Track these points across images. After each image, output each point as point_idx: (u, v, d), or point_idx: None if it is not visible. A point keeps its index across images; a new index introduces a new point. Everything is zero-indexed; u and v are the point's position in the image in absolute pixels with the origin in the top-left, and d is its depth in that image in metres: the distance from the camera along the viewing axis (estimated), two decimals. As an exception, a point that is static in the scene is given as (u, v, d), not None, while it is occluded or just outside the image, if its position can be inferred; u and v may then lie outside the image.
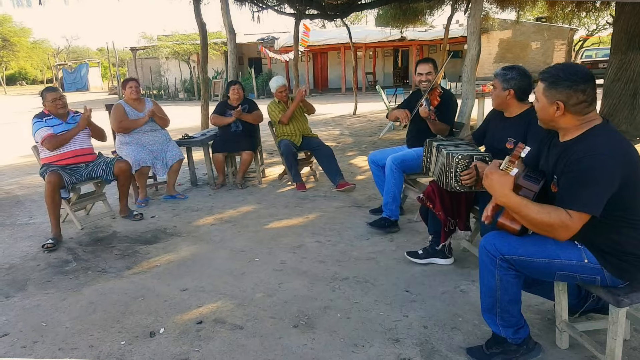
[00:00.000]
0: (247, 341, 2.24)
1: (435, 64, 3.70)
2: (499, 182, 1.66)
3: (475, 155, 2.61)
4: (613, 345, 1.72)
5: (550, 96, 1.71)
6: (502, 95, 2.68)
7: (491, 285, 1.87)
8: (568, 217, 1.59)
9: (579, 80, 1.66)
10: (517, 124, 2.68)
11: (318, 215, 4.09)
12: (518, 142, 2.61)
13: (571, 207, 1.59)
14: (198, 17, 6.96)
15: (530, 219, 1.66)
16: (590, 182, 1.58)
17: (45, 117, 3.74)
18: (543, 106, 1.76)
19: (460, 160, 2.56)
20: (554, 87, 1.70)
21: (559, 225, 1.60)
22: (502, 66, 2.81)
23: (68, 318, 2.50)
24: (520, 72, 2.67)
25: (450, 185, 2.65)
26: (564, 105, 1.68)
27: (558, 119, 1.73)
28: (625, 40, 6.76)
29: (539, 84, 1.77)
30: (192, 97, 21.16)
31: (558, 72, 1.70)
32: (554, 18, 16.86)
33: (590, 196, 1.58)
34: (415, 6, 11.43)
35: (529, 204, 1.65)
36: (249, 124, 5.14)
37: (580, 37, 30.25)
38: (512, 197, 1.66)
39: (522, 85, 2.65)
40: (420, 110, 3.50)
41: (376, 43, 20.47)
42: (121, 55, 26.47)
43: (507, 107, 2.72)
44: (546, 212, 1.62)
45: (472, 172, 2.54)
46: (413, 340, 2.19)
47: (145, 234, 3.78)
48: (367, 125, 10.24)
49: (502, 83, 2.67)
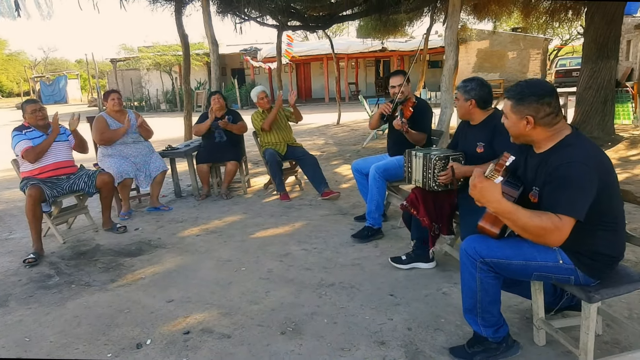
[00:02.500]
0: (235, 349, 2.25)
1: (405, 75, 3.81)
2: (488, 190, 1.65)
3: (451, 155, 2.81)
4: (586, 340, 1.79)
5: (518, 112, 1.79)
6: (465, 106, 2.83)
7: (472, 287, 1.94)
8: (559, 220, 1.62)
9: (544, 93, 1.75)
10: (483, 129, 2.82)
11: (304, 224, 4.13)
12: (485, 145, 2.77)
13: (559, 211, 1.63)
14: (180, 28, 6.98)
15: (522, 224, 1.65)
16: (571, 189, 1.63)
17: (25, 130, 3.71)
18: (513, 122, 1.83)
19: (437, 161, 2.76)
20: (521, 103, 1.78)
21: (552, 228, 1.62)
22: (462, 79, 2.95)
23: (52, 332, 2.48)
24: (479, 83, 2.82)
25: (429, 185, 2.84)
26: (534, 119, 1.76)
27: (530, 133, 1.80)
28: (595, 49, 7.01)
29: (505, 102, 1.85)
30: (174, 108, 21.08)
31: (523, 89, 1.79)
32: (529, 28, 17.33)
33: (574, 201, 1.63)
34: (395, 17, 11.65)
35: (520, 209, 1.66)
36: (233, 134, 5.16)
37: (555, 46, 31.12)
38: (503, 202, 1.66)
39: (482, 95, 2.80)
40: (394, 123, 3.60)
41: (358, 54, 20.75)
42: (101, 67, 26.26)
43: (471, 115, 2.87)
44: (537, 217, 1.64)
45: (448, 173, 2.74)
46: (398, 342, 2.24)
47: (129, 247, 3.76)
48: (350, 135, 10.34)
49: (464, 94, 2.82)
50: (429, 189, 2.87)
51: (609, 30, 6.90)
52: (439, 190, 2.84)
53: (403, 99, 3.73)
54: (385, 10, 8.09)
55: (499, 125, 2.70)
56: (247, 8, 7.04)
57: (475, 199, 1.71)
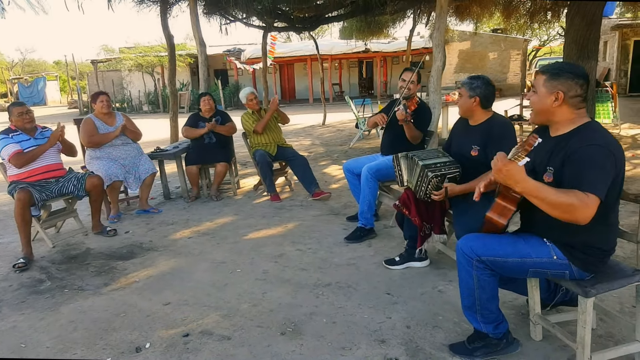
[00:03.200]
0: (235, 351, 2.25)
1: (419, 75, 3.83)
2: (514, 172, 1.66)
3: (447, 174, 2.75)
4: (583, 334, 1.84)
5: (551, 87, 1.81)
6: (468, 102, 2.79)
7: (469, 285, 1.98)
8: (586, 197, 1.62)
9: (580, 75, 1.79)
10: (481, 130, 2.80)
11: (296, 224, 4.13)
12: (480, 148, 2.79)
13: (585, 189, 1.64)
14: (165, 29, 6.92)
15: (550, 201, 1.65)
16: (595, 169, 1.66)
17: (12, 133, 3.64)
18: (542, 96, 1.84)
19: (433, 179, 2.71)
20: (556, 78, 1.80)
21: (580, 205, 1.61)
22: (468, 75, 2.95)
23: (48, 338, 2.44)
24: (485, 82, 2.82)
25: (419, 195, 2.85)
26: (564, 96, 1.78)
27: (554, 110, 1.82)
28: (575, 50, 7.17)
29: (538, 77, 1.87)
30: (156, 109, 20.83)
31: (561, 66, 1.83)
32: (509, 29, 17.63)
33: (597, 179, 1.65)
34: (379, 19, 11.74)
35: (546, 187, 1.67)
36: (223, 136, 5.14)
37: (533, 47, 31.71)
38: (530, 181, 1.67)
39: (487, 94, 2.80)
40: (398, 113, 3.57)
41: (341, 55, 20.81)
42: (80, 68, 25.79)
43: (472, 114, 2.84)
44: (565, 194, 1.64)
45: (442, 194, 2.75)
46: (398, 341, 2.27)
47: (121, 250, 3.72)
48: (337, 135, 10.38)
49: (469, 91, 2.78)
50: (419, 198, 2.87)
51: (588, 32, 7.07)
52: (429, 201, 2.84)
53: (408, 95, 3.75)
54: (371, 12, 8.14)
55: (496, 131, 2.74)
56: (234, 9, 7.01)
57: (501, 182, 1.73)
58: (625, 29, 15.49)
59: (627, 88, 15.51)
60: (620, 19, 16.08)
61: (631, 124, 9.14)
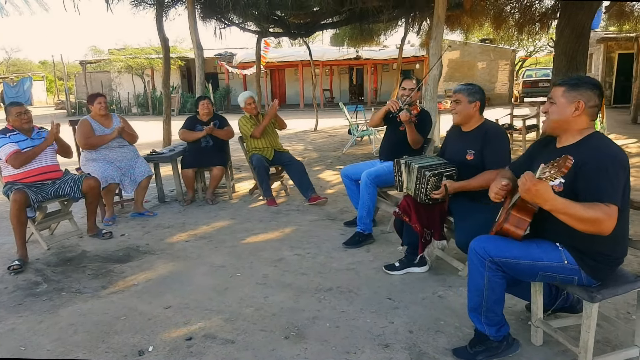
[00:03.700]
0: (240, 354, 2.25)
1: (419, 83, 3.90)
2: (545, 191, 1.70)
3: (444, 172, 2.83)
4: (586, 338, 1.89)
5: (571, 97, 1.88)
6: (468, 108, 2.84)
7: (479, 286, 2.01)
8: (609, 209, 1.69)
9: (597, 86, 1.88)
10: (475, 136, 2.87)
11: (294, 229, 4.14)
12: (475, 152, 2.85)
13: (606, 200, 1.71)
14: (160, 32, 6.91)
15: (578, 217, 1.71)
16: (610, 180, 1.73)
17: (9, 133, 3.59)
18: (561, 106, 1.90)
19: (430, 178, 2.79)
20: (576, 89, 1.88)
21: (605, 217, 1.68)
22: (460, 84, 3.01)
23: (48, 341, 2.41)
24: (480, 88, 2.91)
25: (420, 198, 2.90)
26: (584, 105, 1.85)
27: (573, 120, 1.89)
28: (565, 61, 7.35)
29: (556, 89, 1.93)
30: (145, 112, 20.67)
31: (579, 77, 1.91)
32: (498, 40, 17.90)
33: (614, 190, 1.72)
34: (371, 27, 11.86)
35: (573, 204, 1.72)
36: (220, 139, 5.14)
37: (519, 57, 32.24)
38: (558, 200, 1.72)
39: (483, 99, 2.88)
40: (402, 114, 3.61)
41: (333, 61, 20.95)
42: (68, 68, 25.45)
43: (470, 119, 2.89)
44: (590, 208, 1.70)
45: (442, 192, 2.80)
46: (401, 345, 2.29)
47: (117, 253, 3.68)
48: (329, 141, 10.42)
49: (468, 96, 2.84)
50: (420, 201, 2.92)
51: (577, 44, 7.25)
52: (429, 203, 2.90)
53: (410, 102, 3.80)
54: (367, 20, 8.22)
55: (490, 134, 2.81)
56: (232, 14, 7.03)
57: (529, 200, 1.77)
58: (610, 42, 15.84)
59: (612, 99, 15.86)
60: (606, 32, 16.45)
61: (617, 134, 9.34)
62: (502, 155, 2.78)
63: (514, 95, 21.14)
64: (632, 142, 8.55)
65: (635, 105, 11.47)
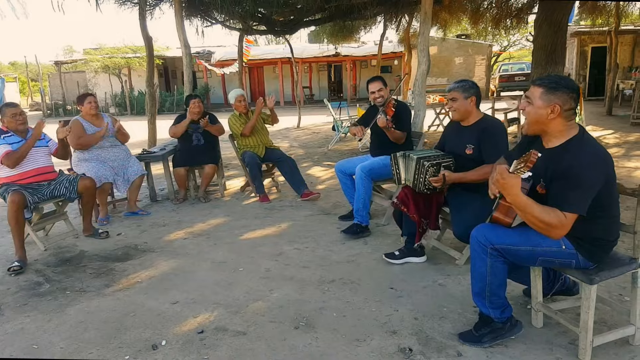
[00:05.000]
0: (253, 345, 2.31)
1: (383, 80, 4.01)
2: (510, 185, 1.82)
3: (442, 163, 2.94)
4: (586, 318, 2.01)
5: (547, 100, 1.93)
6: (465, 104, 2.93)
7: (482, 272, 2.11)
8: (564, 218, 1.84)
9: (574, 89, 1.94)
10: (474, 131, 2.96)
11: (290, 224, 4.20)
12: (474, 147, 2.96)
13: (566, 209, 1.84)
14: (144, 30, 6.83)
15: (533, 217, 1.86)
16: (579, 187, 1.83)
17: (4, 135, 3.54)
18: (538, 108, 1.96)
19: (429, 167, 2.89)
20: (553, 92, 1.93)
21: (557, 225, 1.84)
22: (453, 82, 3.09)
23: (60, 338, 2.42)
24: (473, 83, 3.00)
25: (419, 188, 3.00)
26: (560, 109, 1.92)
27: (549, 122, 1.96)
28: (544, 56, 7.57)
29: (534, 88, 1.98)
30: (123, 112, 20.33)
31: (557, 80, 1.95)
32: (474, 35, 18.21)
33: (580, 199, 1.84)
34: (351, 23, 11.96)
35: (533, 204, 1.86)
36: (211, 138, 5.15)
37: (494, 52, 32.86)
38: (521, 197, 1.84)
39: (479, 93, 2.98)
40: (379, 121, 3.76)
41: (312, 58, 21.00)
42: (41, 69, 24.81)
43: (468, 115, 2.97)
44: (547, 213, 1.84)
45: (440, 179, 2.90)
46: (408, 331, 2.38)
47: (116, 252, 3.68)
48: (313, 137, 10.49)
49: (463, 92, 2.92)
50: (419, 191, 3.02)
51: (556, 38, 7.48)
52: (428, 193, 3.00)
53: (383, 102, 3.91)
54: (349, 16, 8.30)
55: (489, 129, 2.91)
56: (219, 12, 7.01)
57: (499, 189, 1.90)
58: (584, 36, 16.33)
59: (586, 92, 16.35)
60: (579, 26, 16.94)
61: (594, 126, 9.67)
62: (501, 150, 2.87)
63: (490, 90, 21.56)
64: (608, 134, 8.87)
65: (610, 97, 11.88)
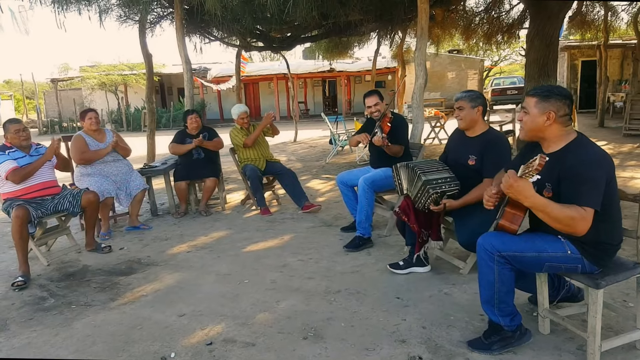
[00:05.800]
0: (263, 356, 2.31)
1: (379, 94, 4.07)
2: (524, 188, 1.86)
3: (447, 191, 2.93)
4: (594, 323, 2.03)
5: (542, 107, 2.02)
6: (471, 113, 2.95)
7: (490, 280, 2.14)
8: (584, 211, 1.87)
9: (567, 96, 2.02)
10: (478, 142, 2.98)
11: (292, 236, 4.21)
12: (477, 158, 3.00)
13: (583, 204, 1.87)
14: (144, 48, 6.93)
15: (554, 215, 1.87)
16: (589, 184, 1.88)
17: (8, 150, 3.56)
18: (534, 116, 2.05)
19: (432, 195, 2.90)
20: (547, 100, 2.02)
21: (580, 218, 1.85)
22: (460, 92, 3.14)
23: (68, 352, 2.41)
24: (479, 93, 3.05)
25: (419, 206, 3.05)
26: (555, 115, 2.00)
27: (546, 129, 2.04)
28: (536, 69, 7.72)
29: (528, 99, 2.07)
30: (120, 128, 20.33)
31: (549, 88, 2.04)
32: (466, 50, 18.47)
33: (592, 194, 1.88)
34: (346, 39, 12.14)
35: (551, 203, 1.89)
36: (211, 151, 5.18)
37: (485, 67, 33.35)
38: (538, 197, 1.88)
39: (485, 103, 3.03)
40: (375, 139, 3.85)
41: (307, 74, 21.23)
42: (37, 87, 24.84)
43: (474, 124, 2.99)
44: (567, 208, 1.87)
45: (441, 208, 2.95)
46: (417, 340, 2.39)
47: (119, 266, 3.68)
48: (310, 151, 10.55)
49: (470, 102, 2.94)
50: (418, 208, 3.06)
51: (548, 52, 7.64)
52: (426, 211, 3.04)
53: (380, 116, 3.97)
54: (345, 32, 8.44)
55: (492, 143, 2.92)
56: (220, 29, 7.10)
57: (512, 197, 1.92)
58: (574, 50, 16.65)
59: (578, 105, 16.61)
60: (568, 40, 17.26)
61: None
62: (503, 164, 2.88)
63: (484, 104, 21.78)
64: (602, 145, 8.97)
65: (602, 110, 12.07)
